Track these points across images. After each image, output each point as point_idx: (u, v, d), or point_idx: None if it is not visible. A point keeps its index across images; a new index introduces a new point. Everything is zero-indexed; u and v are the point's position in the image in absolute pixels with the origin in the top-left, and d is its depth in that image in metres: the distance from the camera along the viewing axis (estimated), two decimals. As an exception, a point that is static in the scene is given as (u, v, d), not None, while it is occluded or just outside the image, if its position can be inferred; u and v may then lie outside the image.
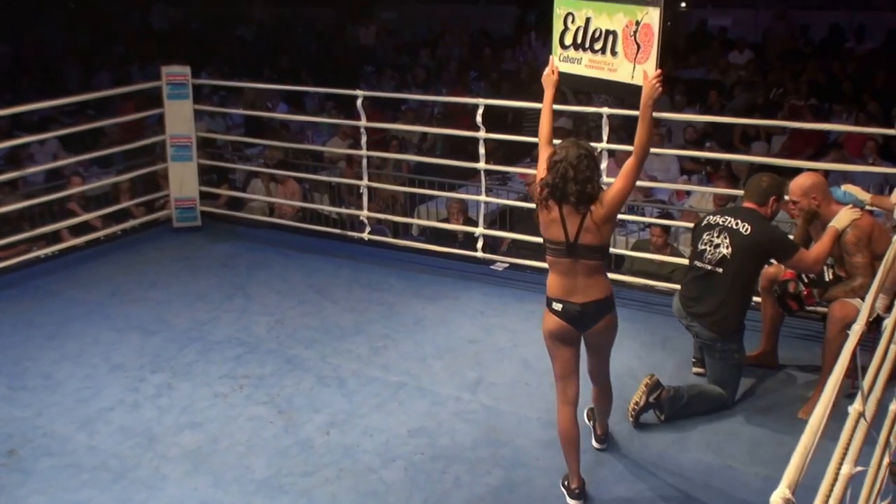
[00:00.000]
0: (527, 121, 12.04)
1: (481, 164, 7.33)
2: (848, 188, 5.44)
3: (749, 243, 5.08)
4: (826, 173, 6.87)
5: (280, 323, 6.58)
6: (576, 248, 4.18)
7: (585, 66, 4.54)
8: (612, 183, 4.20)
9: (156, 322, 6.65)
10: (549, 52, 4.72)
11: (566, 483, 4.52)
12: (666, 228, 7.59)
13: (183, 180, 8.59)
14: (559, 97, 5.20)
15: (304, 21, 20.88)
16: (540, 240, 4.46)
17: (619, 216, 5.23)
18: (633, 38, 4.27)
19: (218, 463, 4.90)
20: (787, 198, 5.36)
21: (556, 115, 10.68)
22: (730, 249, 5.10)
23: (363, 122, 7.82)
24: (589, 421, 4.98)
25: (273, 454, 4.97)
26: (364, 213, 8.03)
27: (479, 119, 7.16)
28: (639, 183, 7.94)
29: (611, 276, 6.27)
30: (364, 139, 7.91)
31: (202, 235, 8.58)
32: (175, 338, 6.38)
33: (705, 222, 5.33)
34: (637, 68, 4.26)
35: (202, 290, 7.21)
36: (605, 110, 6.76)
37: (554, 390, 4.49)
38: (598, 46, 4.45)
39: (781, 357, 5.78)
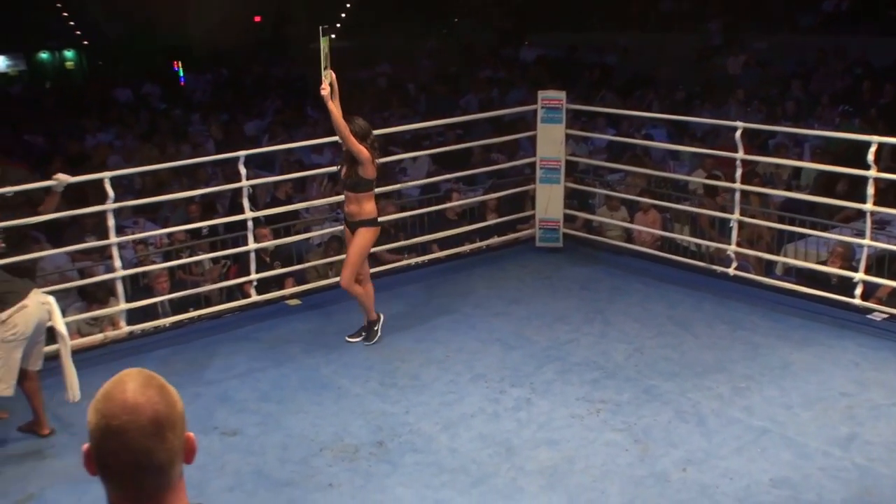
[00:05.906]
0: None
1: (868, 206, 6.79)
2: None
3: None
4: None
5: (639, 352, 6.50)
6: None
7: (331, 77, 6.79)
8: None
9: (516, 337, 6.82)
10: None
11: (377, 323, 6.84)
12: None
13: (549, 202, 8.77)
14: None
15: (669, 48, 20.60)
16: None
17: None
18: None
19: (573, 484, 4.91)
20: None
21: None
22: None
23: (740, 154, 7.56)
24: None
25: (628, 482, 4.91)
26: (732, 248, 7.74)
27: (871, 157, 6.65)
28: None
29: None
30: (739, 172, 7.64)
31: (563, 257, 8.69)
32: (535, 354, 6.50)
33: None
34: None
35: (562, 311, 7.29)
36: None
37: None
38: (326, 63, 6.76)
39: None
